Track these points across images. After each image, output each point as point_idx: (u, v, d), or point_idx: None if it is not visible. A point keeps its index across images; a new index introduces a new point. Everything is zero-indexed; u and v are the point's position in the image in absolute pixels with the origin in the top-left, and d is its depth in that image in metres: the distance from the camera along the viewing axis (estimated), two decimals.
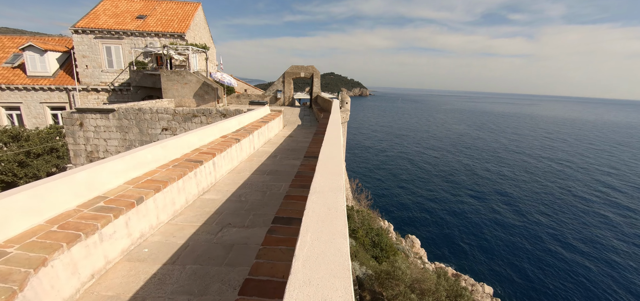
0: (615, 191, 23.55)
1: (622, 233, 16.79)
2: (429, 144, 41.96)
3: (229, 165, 5.55)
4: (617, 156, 37.23)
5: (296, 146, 8.15)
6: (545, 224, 17.87)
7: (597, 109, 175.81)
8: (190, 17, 27.26)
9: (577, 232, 16.97)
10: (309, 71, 24.24)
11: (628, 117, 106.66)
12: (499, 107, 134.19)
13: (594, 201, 21.39)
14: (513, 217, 18.90)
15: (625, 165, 32.33)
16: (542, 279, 13.26)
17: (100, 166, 3.09)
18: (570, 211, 19.77)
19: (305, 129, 11.54)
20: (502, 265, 14.15)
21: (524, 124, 70.38)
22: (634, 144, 47.01)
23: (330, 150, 2.87)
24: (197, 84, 20.26)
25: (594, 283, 12.70)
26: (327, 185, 1.88)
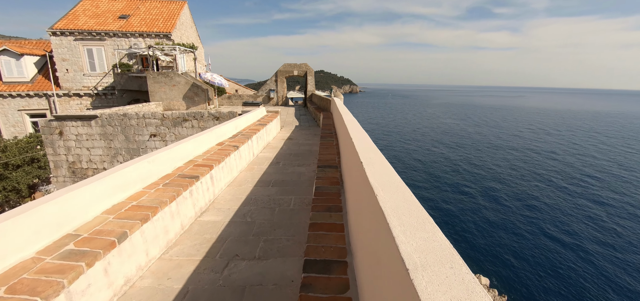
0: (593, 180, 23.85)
1: (599, 219, 16.85)
2: (418, 138, 41.94)
3: (228, 177, 4.89)
4: (598, 147, 37.83)
5: (298, 150, 7.52)
6: (529, 215, 17.79)
7: (579, 99, 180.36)
8: (176, 16, 26.19)
9: (560, 221, 16.96)
10: (303, 69, 23.56)
11: (610, 107, 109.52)
12: (487, 101, 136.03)
13: (573, 190, 21.54)
14: (499, 207, 18.79)
15: (605, 155, 32.87)
16: (532, 268, 13.06)
17: (71, 193, 2.41)
18: (554, 199, 19.80)
19: (304, 130, 10.91)
20: (499, 257, 13.90)
21: (509, 116, 71.31)
22: (615, 133, 47.97)
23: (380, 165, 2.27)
24: (186, 86, 19.36)
25: (581, 272, 12.57)
26: None
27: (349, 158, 2.93)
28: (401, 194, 1.36)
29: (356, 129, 3.44)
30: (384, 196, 1.33)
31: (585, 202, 19.81)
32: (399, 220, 1.11)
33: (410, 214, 1.15)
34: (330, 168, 3.74)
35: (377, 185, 1.47)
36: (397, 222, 1.10)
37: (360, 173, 1.93)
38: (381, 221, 1.19)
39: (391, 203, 1.25)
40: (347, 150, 3.15)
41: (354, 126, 3.66)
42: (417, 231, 1.03)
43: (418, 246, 0.94)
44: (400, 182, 1.53)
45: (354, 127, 3.52)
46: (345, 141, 3.60)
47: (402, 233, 1.02)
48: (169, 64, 23.83)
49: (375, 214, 1.30)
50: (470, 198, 20.47)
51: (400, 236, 1.00)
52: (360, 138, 2.81)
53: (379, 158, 2.03)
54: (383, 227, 1.15)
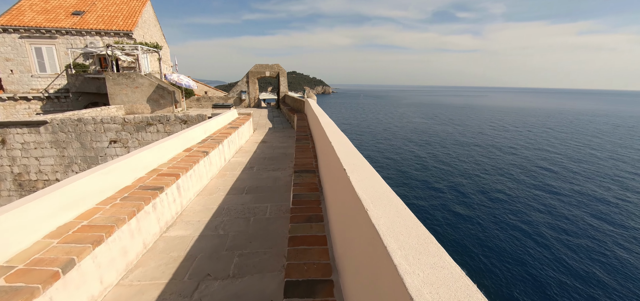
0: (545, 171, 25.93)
1: (553, 208, 18.35)
2: (390, 137, 43.10)
3: (198, 185, 4.53)
4: (549, 140, 41.10)
5: (273, 153, 7.25)
6: (492, 206, 18.90)
7: (533, 97, 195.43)
8: (138, 14, 24.65)
9: (519, 211, 18.24)
10: (275, 70, 23.16)
11: (559, 105, 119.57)
12: (453, 100, 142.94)
13: (530, 182, 23.28)
14: (465, 200, 19.77)
15: (553, 147, 35.86)
16: (497, 255, 13.84)
17: (3, 216, 2.02)
18: (514, 191, 21.25)
19: (279, 132, 10.63)
20: (467, 247, 14.54)
21: (473, 115, 75.51)
22: (565, 129, 52.45)
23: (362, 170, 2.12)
24: (150, 88, 18.23)
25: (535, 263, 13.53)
26: None
27: (328, 163, 2.77)
28: (394, 208, 1.21)
29: (334, 131, 3.29)
30: (376, 211, 1.17)
31: (540, 193, 21.29)
32: (397, 242, 0.96)
33: (410, 234, 1.01)
34: (308, 173, 3.56)
35: (367, 198, 1.31)
36: (396, 245, 0.94)
37: (343, 181, 1.77)
38: (376, 242, 1.03)
39: (385, 220, 1.10)
40: (326, 154, 2.99)
41: (331, 129, 3.51)
42: (421, 256, 0.89)
43: (426, 276, 0.79)
44: (391, 193, 1.39)
45: (332, 130, 3.37)
46: (323, 145, 3.44)
47: (404, 259, 0.87)
48: (130, 65, 22.35)
49: (368, 233, 1.15)
50: (439, 192, 21.26)
51: (403, 264, 0.85)
52: (340, 142, 2.66)
53: (364, 164, 1.89)
54: (379, 250, 0.99)
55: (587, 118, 69.58)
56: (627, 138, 43.16)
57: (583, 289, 11.78)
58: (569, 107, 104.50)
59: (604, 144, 38.59)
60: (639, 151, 34.31)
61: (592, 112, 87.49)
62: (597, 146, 37.53)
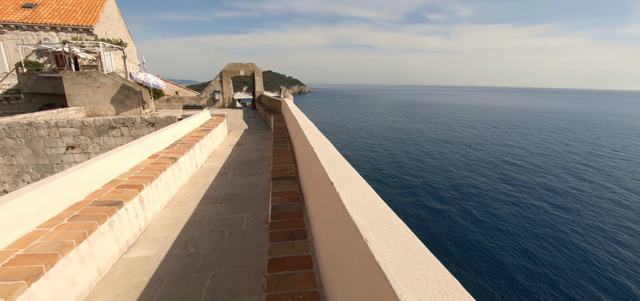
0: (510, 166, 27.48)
1: (519, 201, 19.50)
2: (365, 136, 43.70)
3: (165, 196, 4.11)
4: (514, 136, 43.62)
5: (249, 156, 6.88)
6: (462, 202, 19.67)
7: (498, 96, 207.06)
8: (99, 8, 22.99)
9: (487, 204, 19.17)
10: (250, 69, 22.53)
11: (522, 103, 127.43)
12: (425, 99, 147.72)
13: (496, 176, 24.59)
14: (437, 196, 20.42)
15: (517, 143, 38.19)
16: (467, 249, 14.42)
17: None
18: (481, 185, 22.33)
19: (255, 133, 10.22)
20: (440, 242, 14.96)
21: (445, 112, 78.51)
22: (527, 124, 55.94)
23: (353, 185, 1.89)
24: (114, 88, 16.99)
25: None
26: None
27: (311, 171, 2.53)
28: (400, 236, 1.00)
29: (316, 136, 3.05)
30: (378, 243, 0.95)
31: (506, 186, 22.38)
32: (413, 291, 0.74)
33: (427, 277, 0.79)
34: (288, 180, 3.31)
35: (363, 222, 1.09)
36: (412, 295, 0.72)
37: (331, 197, 1.54)
38: (382, 287, 0.81)
39: (392, 256, 0.88)
40: (308, 161, 2.75)
41: (312, 133, 3.27)
42: None
43: None
44: (391, 214, 1.18)
45: (313, 134, 3.13)
46: (303, 150, 3.19)
47: None
48: (91, 63, 20.77)
49: (369, 271, 0.92)
50: (413, 188, 21.78)
51: None
52: (324, 148, 2.43)
53: (353, 176, 1.67)
54: (389, 297, 0.77)
55: (546, 115, 74.58)
56: (581, 133, 46.69)
57: (544, 273, 12.50)
58: (530, 105, 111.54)
59: (560, 138, 41.49)
60: (591, 145, 37.15)
61: (550, 109, 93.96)
62: (555, 140, 40.26)
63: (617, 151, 34.13)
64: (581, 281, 12.12)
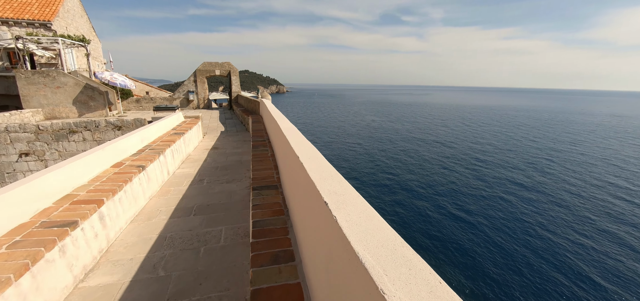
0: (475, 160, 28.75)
1: (490, 196, 20.48)
2: (343, 135, 44.03)
3: (132, 210, 3.69)
4: (482, 134, 45.69)
5: (226, 161, 6.49)
6: (437, 198, 20.30)
7: (469, 95, 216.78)
8: (59, 1, 21.28)
9: (460, 200, 20.01)
10: (226, 68, 21.79)
11: (492, 102, 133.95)
12: (401, 98, 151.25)
13: (467, 173, 25.71)
14: (413, 195, 20.92)
15: (491, 140, 40.08)
16: (441, 244, 14.92)
17: None
18: (455, 182, 23.22)
19: (232, 136, 9.77)
20: (417, 240, 15.28)
21: (420, 111, 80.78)
22: (496, 123, 58.84)
23: None
24: (76, 88, 15.74)
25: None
26: None
27: (296, 181, 2.29)
28: (424, 283, 0.79)
29: (299, 141, 2.81)
30: (400, 298, 0.73)
31: (477, 182, 23.29)
32: None
33: None
34: (269, 190, 3.04)
35: (375, 263, 0.87)
36: None
37: (325, 220, 1.31)
38: None
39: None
40: (292, 169, 2.50)
41: (295, 137, 3.01)
42: None
43: None
44: (406, 246, 0.97)
45: (297, 140, 2.88)
46: (286, 156, 2.94)
47: None
48: (50, 61, 19.18)
49: None
50: (390, 187, 22.11)
51: None
52: (311, 157, 2.19)
53: (350, 193, 1.45)
54: None
55: (512, 113, 78.78)
56: (545, 129, 49.69)
57: (512, 261, 13.18)
58: (498, 104, 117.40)
59: (527, 135, 43.95)
60: (553, 141, 39.57)
61: (516, 107, 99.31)
62: (521, 136, 42.57)
63: (575, 145, 36.69)
64: (544, 266, 12.89)
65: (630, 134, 46.24)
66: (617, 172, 25.91)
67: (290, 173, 2.61)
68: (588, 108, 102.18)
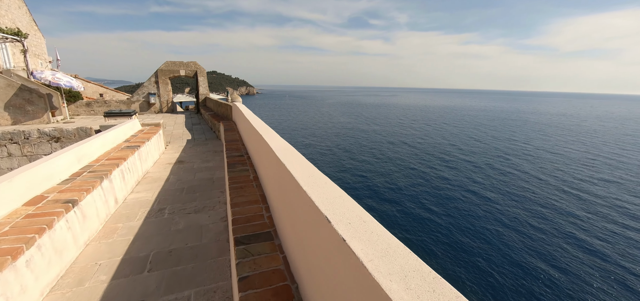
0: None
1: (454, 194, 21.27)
2: (317, 135, 43.61)
3: (53, 270, 2.54)
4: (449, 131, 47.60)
5: (193, 180, 5.35)
6: (404, 198, 20.55)
7: (432, 96, 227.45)
8: None
9: (426, 197, 20.53)
10: (191, 69, 20.07)
11: (453, 103, 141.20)
12: (370, 100, 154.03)
13: (430, 172, 26.62)
14: (381, 196, 21.13)
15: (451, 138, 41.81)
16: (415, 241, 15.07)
17: None
18: (420, 180, 23.88)
19: (200, 145, 8.51)
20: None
21: (388, 113, 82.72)
22: (457, 123, 61.78)
23: None
24: (8, 90, 13.34)
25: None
26: None
27: (306, 233, 1.40)
28: None
29: (298, 162, 1.90)
30: None
31: (438, 182, 23.85)
32: None
33: None
34: (261, 243, 2.09)
35: None
36: None
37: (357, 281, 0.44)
38: None
39: None
40: (296, 210, 1.60)
41: (291, 157, 2.10)
42: None
43: None
44: None
45: (292, 158, 1.98)
46: (281, 185, 2.02)
47: None
48: None
49: None
50: (359, 189, 21.94)
51: None
52: (317, 183, 1.33)
53: (395, 246, 0.60)
54: None
55: (473, 113, 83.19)
56: (501, 129, 52.63)
57: (474, 256, 13.57)
58: (458, 105, 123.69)
59: (485, 134, 46.35)
60: (510, 141, 41.83)
61: (475, 108, 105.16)
62: (479, 136, 44.73)
63: (527, 144, 39.31)
64: (501, 258, 13.39)
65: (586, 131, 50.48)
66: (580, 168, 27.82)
67: (293, 214, 1.71)
68: (538, 108, 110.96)
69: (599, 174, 25.72)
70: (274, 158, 2.34)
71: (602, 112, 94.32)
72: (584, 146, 37.58)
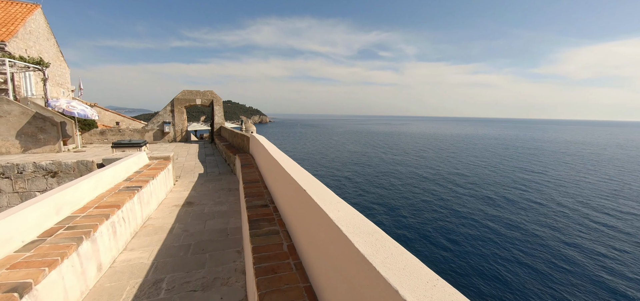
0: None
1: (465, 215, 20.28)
2: (329, 164, 42.65)
3: None
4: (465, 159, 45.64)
5: (203, 231, 4.31)
6: (418, 221, 19.09)
7: (440, 124, 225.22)
8: (20, 22, 18.90)
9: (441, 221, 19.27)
10: (208, 97, 19.75)
11: (460, 130, 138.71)
12: (380, 128, 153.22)
13: (444, 195, 25.28)
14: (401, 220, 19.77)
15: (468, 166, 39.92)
16: None
17: None
18: (433, 205, 22.34)
19: (213, 181, 7.56)
20: None
21: (399, 141, 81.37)
22: (464, 150, 59.68)
23: None
24: (22, 118, 13.06)
25: None
26: None
27: None
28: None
29: (358, 223, 0.84)
30: None
31: (456, 213, 22.31)
32: None
33: None
34: None
35: None
36: None
37: None
38: None
39: None
40: None
41: (367, 236, 1.05)
42: None
43: None
44: None
45: (350, 219, 0.92)
46: (336, 254, 0.97)
47: None
48: (1, 86, 16.41)
49: None
50: (378, 215, 20.63)
51: None
52: None
53: None
54: None
55: (486, 141, 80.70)
56: (517, 158, 49.92)
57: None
58: (470, 133, 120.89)
59: (497, 162, 44.23)
60: (528, 171, 39.30)
61: (488, 136, 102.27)
62: (494, 165, 42.60)
63: (544, 173, 37.11)
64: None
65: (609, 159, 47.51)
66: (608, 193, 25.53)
67: None
68: (554, 136, 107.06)
69: (626, 206, 23.40)
70: (316, 210, 1.31)
71: (623, 140, 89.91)
72: (607, 176, 35.04)
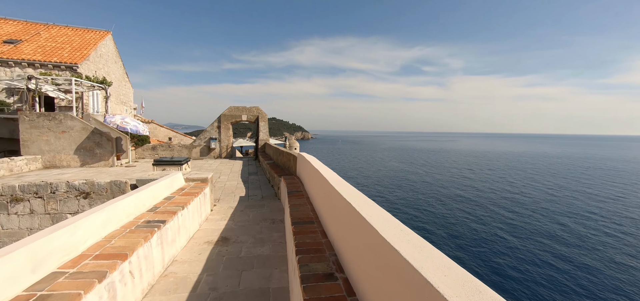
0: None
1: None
2: (377, 182, 40.26)
3: None
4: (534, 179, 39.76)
5: (236, 292, 3.14)
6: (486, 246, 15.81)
7: (492, 141, 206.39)
8: (92, 46, 20.68)
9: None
10: (253, 113, 19.49)
11: (513, 148, 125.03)
12: (424, 145, 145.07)
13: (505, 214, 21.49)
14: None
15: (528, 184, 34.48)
16: None
17: None
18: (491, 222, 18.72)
19: (254, 207, 6.51)
20: None
21: (449, 157, 75.61)
22: (521, 167, 52.53)
23: None
24: (83, 133, 13.71)
25: None
26: None
27: None
28: None
29: None
30: None
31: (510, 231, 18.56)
32: None
33: None
34: None
35: None
36: None
37: None
38: None
39: None
40: None
41: None
42: None
43: None
44: None
45: None
46: None
47: None
48: (71, 104, 17.84)
49: None
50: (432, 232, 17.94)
51: None
52: None
53: None
54: None
55: (551, 161, 70.77)
56: (584, 181, 42.30)
57: None
58: (528, 151, 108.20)
59: (561, 185, 37.81)
60: (597, 198, 32.88)
61: (551, 155, 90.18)
62: (559, 189, 36.36)
63: (624, 198, 30.61)
64: None
65: None
66: None
67: None
68: (633, 155, 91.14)
69: None
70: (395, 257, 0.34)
71: None
72: None
